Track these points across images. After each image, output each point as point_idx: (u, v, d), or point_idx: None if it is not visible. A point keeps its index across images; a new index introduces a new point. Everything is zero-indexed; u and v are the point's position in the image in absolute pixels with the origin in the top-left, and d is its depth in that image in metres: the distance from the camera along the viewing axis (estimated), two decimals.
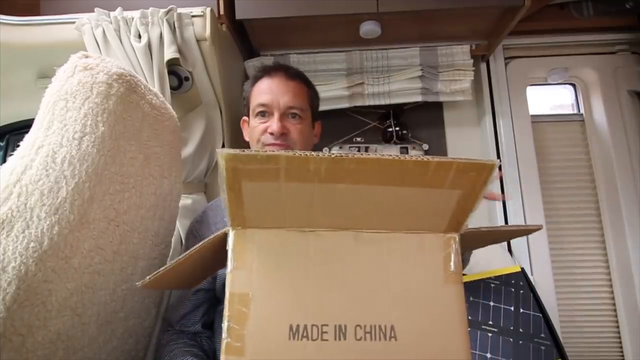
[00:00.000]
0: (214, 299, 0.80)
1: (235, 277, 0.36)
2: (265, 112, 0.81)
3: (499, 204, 1.33)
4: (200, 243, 0.40)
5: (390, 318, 0.38)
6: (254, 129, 0.82)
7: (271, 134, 0.79)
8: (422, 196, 0.38)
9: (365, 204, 0.38)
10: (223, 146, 1.12)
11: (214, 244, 0.40)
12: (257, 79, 0.85)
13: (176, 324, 0.78)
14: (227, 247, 0.38)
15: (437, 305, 0.39)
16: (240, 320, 0.35)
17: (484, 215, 1.38)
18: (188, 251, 0.40)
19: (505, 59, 1.44)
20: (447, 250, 0.40)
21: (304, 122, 0.83)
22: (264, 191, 0.36)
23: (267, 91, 0.81)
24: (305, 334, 0.36)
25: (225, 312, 0.35)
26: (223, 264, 0.39)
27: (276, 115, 0.79)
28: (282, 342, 0.36)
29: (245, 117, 0.90)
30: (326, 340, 0.36)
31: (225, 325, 0.35)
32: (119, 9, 0.93)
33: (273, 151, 0.71)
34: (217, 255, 0.41)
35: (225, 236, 0.39)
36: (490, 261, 0.98)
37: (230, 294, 0.36)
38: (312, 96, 0.88)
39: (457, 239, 0.41)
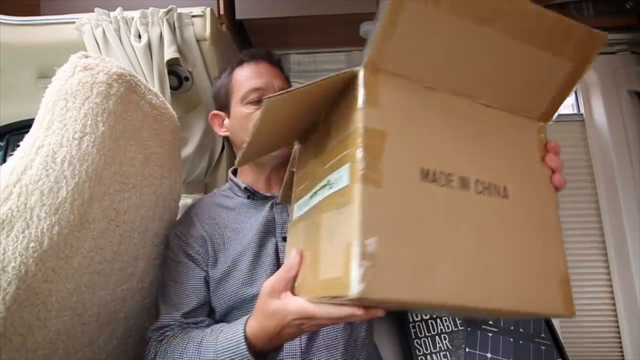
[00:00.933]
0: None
1: (369, 114, 0.36)
2: (260, 98, 0.74)
3: None
4: (316, 81, 0.38)
5: (504, 179, 0.41)
6: (248, 116, 0.75)
7: None
8: (540, 63, 0.42)
9: (490, 62, 0.40)
10: (223, 146, 1.12)
11: (332, 83, 0.39)
12: (237, 66, 0.79)
13: (177, 321, 0.67)
14: (356, 85, 0.37)
15: (536, 178, 0.44)
16: (376, 154, 0.35)
17: None
18: (302, 86, 0.39)
19: None
20: (539, 136, 0.47)
21: None
22: (417, 21, 0.35)
23: (258, 75, 0.76)
24: (434, 179, 0.37)
25: (358, 143, 0.35)
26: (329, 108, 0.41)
27: None
28: (414, 182, 0.36)
29: (217, 112, 0.83)
30: (452, 187, 0.38)
31: (360, 155, 0.34)
32: (119, 9, 0.93)
33: None
34: (327, 97, 0.41)
35: (349, 77, 0.38)
36: None
37: (364, 128, 0.35)
38: (289, 81, 0.86)
39: (545, 130, 0.48)
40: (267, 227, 0.72)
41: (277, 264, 0.69)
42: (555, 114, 0.47)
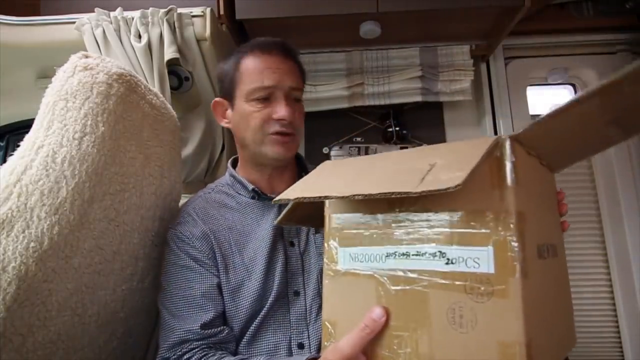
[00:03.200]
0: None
1: (518, 194, 0.34)
2: (267, 97, 0.69)
3: None
4: (483, 152, 0.34)
5: (555, 238, 0.44)
6: (251, 115, 0.68)
7: (280, 120, 0.67)
8: None
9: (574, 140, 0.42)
10: (223, 146, 1.12)
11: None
12: (246, 55, 0.70)
13: (195, 335, 0.61)
14: (504, 161, 0.35)
15: (559, 227, 0.48)
16: (523, 240, 0.34)
17: None
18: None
19: (505, 59, 1.44)
20: (555, 186, 0.50)
21: (302, 106, 0.74)
22: (581, 115, 0.35)
23: (268, 71, 0.68)
24: (542, 254, 0.38)
25: (512, 229, 0.33)
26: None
27: (283, 99, 0.68)
28: (536, 263, 0.36)
29: (220, 100, 0.75)
30: (545, 258, 0.39)
31: (514, 243, 0.33)
32: (119, 9, 0.94)
33: (279, 141, 0.68)
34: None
35: (494, 145, 0.36)
36: None
37: (517, 213, 0.34)
38: (302, 72, 0.76)
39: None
40: (276, 232, 0.68)
41: (286, 270, 0.66)
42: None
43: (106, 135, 0.58)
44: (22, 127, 1.26)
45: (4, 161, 0.54)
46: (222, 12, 1.06)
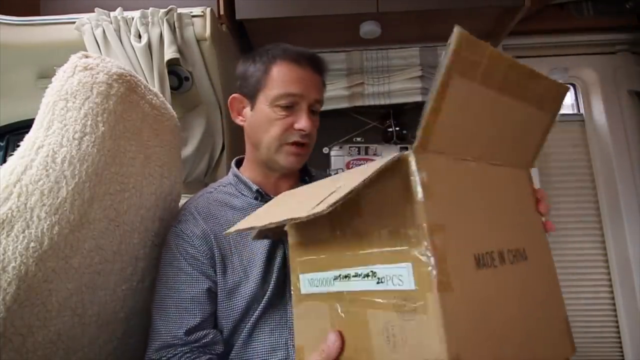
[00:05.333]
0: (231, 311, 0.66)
1: (430, 208, 0.34)
2: (292, 105, 0.69)
3: None
4: (373, 167, 0.34)
5: (522, 241, 0.42)
6: (273, 121, 0.69)
7: (301, 130, 0.68)
8: (530, 118, 0.45)
9: (502, 124, 0.42)
10: (223, 146, 1.12)
11: (384, 171, 0.35)
12: (278, 60, 0.70)
13: (180, 340, 0.62)
14: (408, 174, 0.35)
15: (537, 229, 0.46)
16: (442, 253, 0.33)
17: None
18: (367, 174, 0.34)
19: None
20: (531, 184, 0.48)
21: (318, 119, 0.75)
22: (458, 95, 0.35)
23: (297, 81, 0.69)
24: (484, 263, 0.36)
25: (424, 245, 0.33)
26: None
27: (306, 110, 0.69)
28: (473, 274, 0.35)
29: (239, 96, 0.74)
30: (496, 266, 0.37)
31: (429, 258, 0.32)
32: (119, 9, 0.94)
33: (295, 152, 0.69)
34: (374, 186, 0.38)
35: (395, 163, 0.35)
36: None
37: (429, 227, 0.33)
38: (325, 87, 0.78)
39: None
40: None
41: (284, 271, 0.66)
42: (536, 160, 0.50)
43: (106, 135, 0.58)
44: (22, 127, 1.26)
45: (4, 161, 0.54)
46: (222, 12, 1.06)
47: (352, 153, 1.41)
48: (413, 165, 0.34)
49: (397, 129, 1.38)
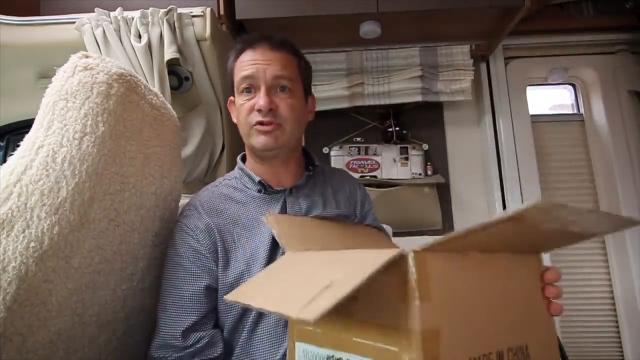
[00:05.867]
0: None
1: (425, 311, 0.32)
2: (250, 88, 0.70)
3: (499, 205, 1.33)
4: (375, 268, 0.32)
5: (525, 338, 0.40)
6: (240, 107, 0.71)
7: (259, 110, 0.68)
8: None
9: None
10: (223, 146, 1.12)
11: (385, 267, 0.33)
12: (238, 52, 0.73)
13: (176, 341, 0.62)
14: (406, 274, 0.34)
15: (542, 320, 0.44)
16: (433, 356, 0.32)
17: (484, 217, 1.38)
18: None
19: (505, 59, 1.44)
20: (539, 267, 0.46)
21: (295, 96, 0.72)
22: None
23: (251, 63, 0.70)
24: None
25: (415, 349, 0.32)
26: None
27: (263, 89, 0.69)
28: None
29: (231, 97, 0.78)
30: None
31: None
32: (119, 9, 0.94)
33: (261, 131, 0.69)
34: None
35: (395, 259, 0.34)
36: None
37: (422, 332, 0.32)
38: (303, 66, 0.76)
39: (541, 260, 0.46)
40: None
41: None
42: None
43: (106, 135, 0.58)
44: (22, 127, 1.26)
45: (4, 161, 0.54)
46: (222, 12, 1.06)
47: (352, 153, 1.42)
48: (412, 266, 0.33)
49: (397, 128, 1.38)
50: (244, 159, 0.80)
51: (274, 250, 0.66)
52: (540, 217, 0.33)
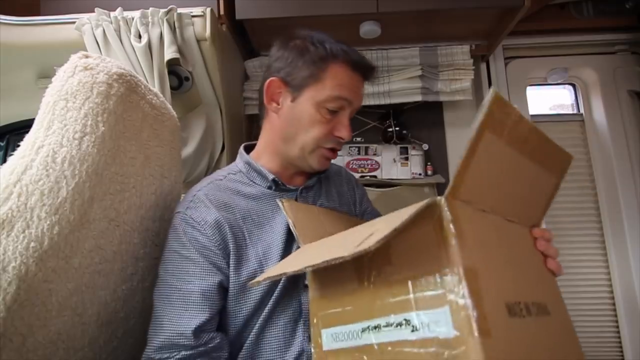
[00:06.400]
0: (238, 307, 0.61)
1: (463, 250, 0.34)
2: (338, 110, 0.67)
3: None
4: (405, 217, 0.34)
5: (543, 297, 0.42)
6: (316, 122, 0.66)
7: (340, 138, 0.68)
8: (540, 180, 0.47)
9: (518, 183, 0.44)
10: (223, 146, 1.12)
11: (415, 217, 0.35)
12: (337, 61, 0.67)
13: (186, 340, 0.57)
14: (441, 219, 0.35)
15: (553, 287, 0.46)
16: (478, 298, 0.32)
17: None
18: (401, 222, 0.33)
19: (505, 59, 1.44)
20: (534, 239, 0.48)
21: None
22: (487, 150, 0.37)
23: (351, 87, 0.67)
24: (515, 312, 0.36)
25: (462, 288, 0.32)
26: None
27: (347, 120, 0.69)
28: (507, 322, 0.34)
29: (281, 82, 0.68)
30: (523, 316, 0.37)
31: (467, 302, 0.31)
32: (119, 9, 0.94)
33: (328, 157, 0.70)
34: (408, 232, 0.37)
35: (425, 208, 0.35)
36: None
37: (465, 270, 0.33)
38: None
39: None
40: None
41: None
42: (543, 221, 0.51)
43: (106, 135, 0.58)
44: (22, 127, 1.26)
45: (4, 161, 0.54)
46: (222, 12, 1.06)
47: (352, 153, 1.41)
48: (446, 211, 0.35)
49: (397, 128, 1.38)
50: (246, 150, 0.75)
51: (288, 247, 0.64)
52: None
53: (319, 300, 0.47)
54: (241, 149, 0.76)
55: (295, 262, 0.45)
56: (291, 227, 0.60)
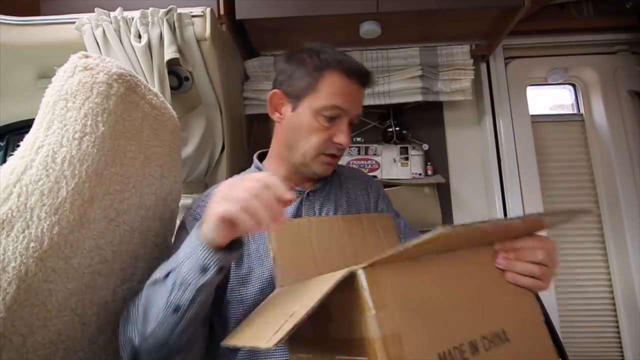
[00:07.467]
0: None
1: (382, 319, 0.35)
2: (336, 118, 0.70)
3: (499, 205, 1.33)
4: (325, 291, 0.36)
5: (499, 321, 0.41)
6: (314, 130, 0.70)
7: (339, 144, 0.70)
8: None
9: None
10: (223, 146, 1.12)
11: (337, 287, 0.36)
12: (330, 70, 0.69)
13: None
14: (359, 289, 0.36)
15: (521, 303, 0.45)
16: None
17: (484, 216, 1.38)
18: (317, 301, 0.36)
19: (505, 59, 1.44)
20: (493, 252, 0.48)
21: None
22: None
23: (345, 95, 0.69)
24: (452, 357, 0.36)
25: (382, 356, 0.33)
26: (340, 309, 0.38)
27: (346, 126, 0.71)
28: None
29: (282, 94, 0.73)
30: (466, 358, 0.37)
31: None
32: (119, 9, 0.93)
33: (330, 163, 0.72)
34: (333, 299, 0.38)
35: (348, 278, 0.37)
36: None
37: (382, 339, 0.34)
38: None
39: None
40: None
41: None
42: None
43: (106, 135, 0.58)
44: (22, 127, 1.26)
45: (4, 161, 0.54)
46: (222, 12, 1.06)
47: (352, 153, 1.41)
48: (363, 280, 0.36)
49: (397, 128, 1.38)
50: (260, 158, 0.81)
51: None
52: (452, 238, 0.37)
53: (293, 341, 0.49)
54: (255, 156, 0.81)
55: (243, 333, 0.49)
56: (272, 263, 0.61)
